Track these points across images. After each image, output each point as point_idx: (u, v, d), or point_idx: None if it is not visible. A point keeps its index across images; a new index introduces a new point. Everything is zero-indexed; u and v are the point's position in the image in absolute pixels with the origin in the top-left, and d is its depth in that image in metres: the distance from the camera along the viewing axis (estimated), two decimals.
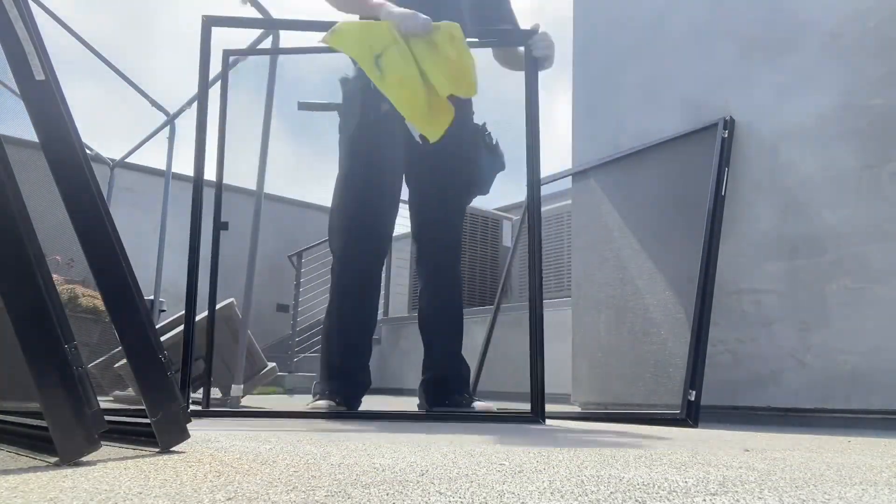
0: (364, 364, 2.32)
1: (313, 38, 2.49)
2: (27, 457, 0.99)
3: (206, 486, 0.75)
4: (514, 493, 0.72)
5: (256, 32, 3.59)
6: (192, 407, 2.19)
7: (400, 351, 6.07)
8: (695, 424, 1.96)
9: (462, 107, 2.21)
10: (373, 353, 2.41)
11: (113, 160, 6.46)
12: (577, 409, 2.66)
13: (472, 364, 2.43)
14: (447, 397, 2.30)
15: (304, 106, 2.32)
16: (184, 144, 5.36)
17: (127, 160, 6.55)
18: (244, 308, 2.98)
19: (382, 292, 4.95)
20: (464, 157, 2.34)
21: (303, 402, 2.42)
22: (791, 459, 1.10)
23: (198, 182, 2.14)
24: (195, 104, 4.93)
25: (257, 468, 0.91)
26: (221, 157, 2.27)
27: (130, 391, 3.23)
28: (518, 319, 4.57)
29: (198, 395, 3.49)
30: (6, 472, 0.84)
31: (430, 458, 1.03)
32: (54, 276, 0.98)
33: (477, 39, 2.19)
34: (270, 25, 3.36)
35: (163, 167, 5.50)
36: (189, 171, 2.16)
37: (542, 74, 2.17)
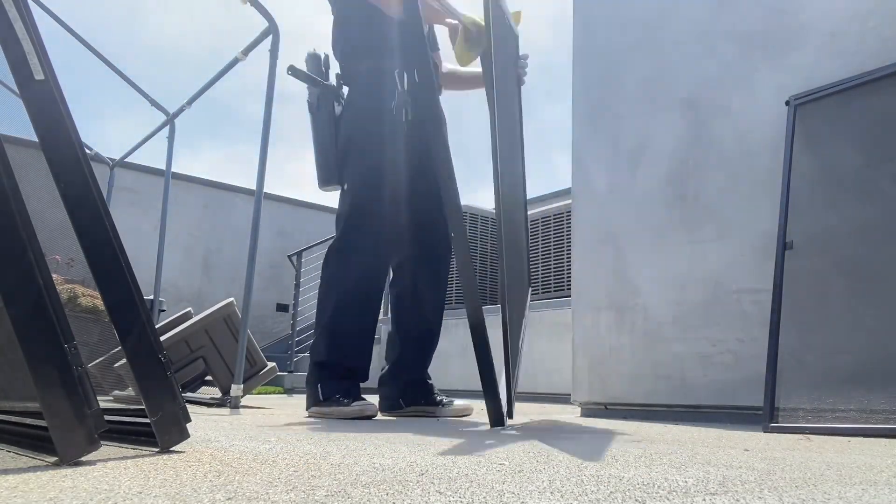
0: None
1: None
2: (27, 457, 0.99)
3: (206, 485, 0.75)
4: (514, 493, 0.72)
5: (255, 32, 3.57)
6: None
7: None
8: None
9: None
10: (373, 354, 2.44)
11: (113, 160, 6.45)
12: (578, 409, 2.66)
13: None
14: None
15: (293, 71, 2.37)
16: (184, 144, 5.35)
17: (127, 160, 6.54)
18: (244, 308, 2.98)
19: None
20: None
21: (301, 401, 2.42)
22: (791, 459, 1.10)
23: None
24: (195, 104, 4.94)
25: (257, 468, 0.91)
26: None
27: (130, 391, 3.23)
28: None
29: (197, 395, 3.50)
30: (6, 471, 0.84)
31: (430, 458, 1.03)
32: (54, 276, 0.98)
33: None
34: None
35: (163, 167, 5.49)
36: (188, 170, 2.17)
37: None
